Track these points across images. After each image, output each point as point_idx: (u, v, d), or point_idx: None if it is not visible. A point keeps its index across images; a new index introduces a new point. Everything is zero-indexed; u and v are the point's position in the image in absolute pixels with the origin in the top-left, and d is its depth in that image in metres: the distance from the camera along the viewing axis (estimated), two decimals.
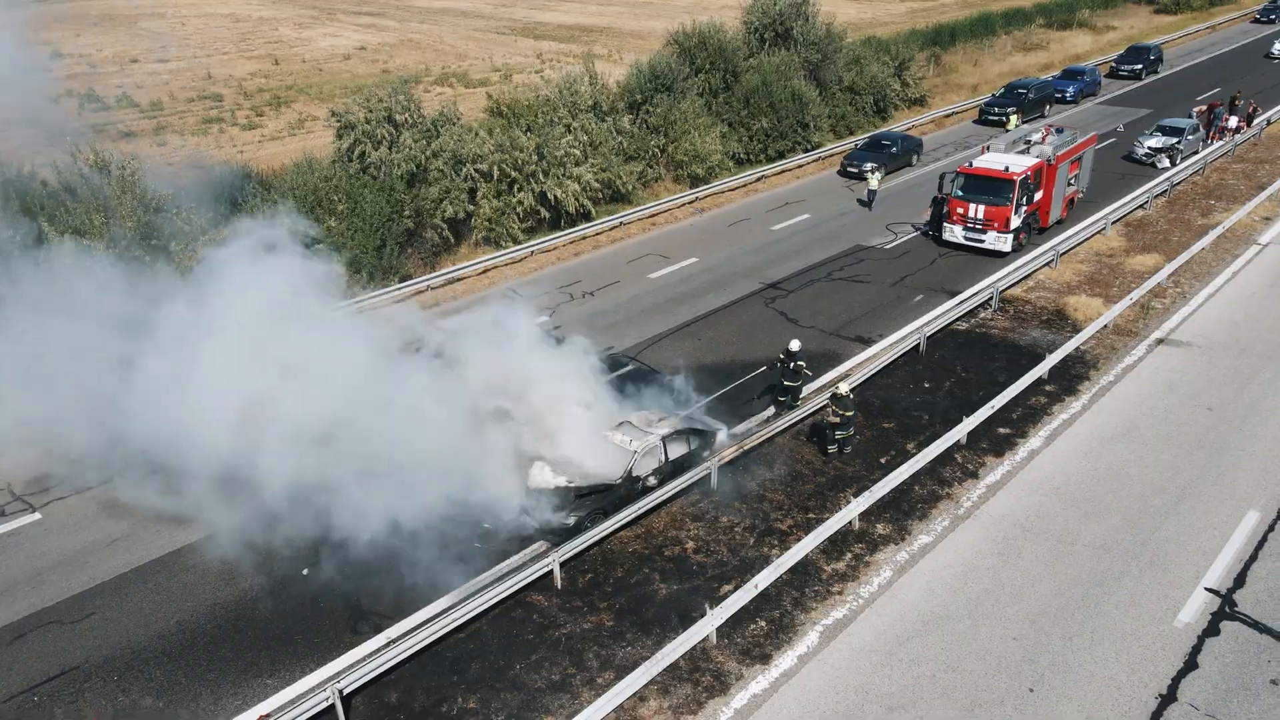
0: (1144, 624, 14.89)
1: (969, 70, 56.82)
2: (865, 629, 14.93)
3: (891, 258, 29.23)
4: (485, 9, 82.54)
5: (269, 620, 15.15)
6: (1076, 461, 19.07)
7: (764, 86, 38.55)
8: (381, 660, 13.52)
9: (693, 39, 40.07)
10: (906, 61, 47.39)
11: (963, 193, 28.94)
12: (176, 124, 45.70)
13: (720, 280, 27.72)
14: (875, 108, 45.31)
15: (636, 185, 34.81)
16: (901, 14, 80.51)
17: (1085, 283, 27.25)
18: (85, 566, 16.33)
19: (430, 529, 16.36)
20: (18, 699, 13.67)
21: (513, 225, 30.57)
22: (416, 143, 30.15)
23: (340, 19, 76.63)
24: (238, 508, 16.58)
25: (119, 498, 17.77)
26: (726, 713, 13.45)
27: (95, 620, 15.15)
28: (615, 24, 73.39)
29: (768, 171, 37.30)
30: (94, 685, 13.93)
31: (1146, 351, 23.30)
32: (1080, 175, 31.95)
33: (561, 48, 63.55)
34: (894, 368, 22.50)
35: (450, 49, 64.31)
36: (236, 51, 63.05)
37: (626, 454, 17.26)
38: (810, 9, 43.24)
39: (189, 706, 13.57)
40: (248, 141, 42.52)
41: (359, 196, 27.70)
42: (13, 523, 17.53)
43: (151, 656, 14.45)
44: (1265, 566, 16.09)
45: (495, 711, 13.47)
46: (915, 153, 38.58)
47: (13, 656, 14.43)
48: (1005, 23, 68.57)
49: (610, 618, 15.17)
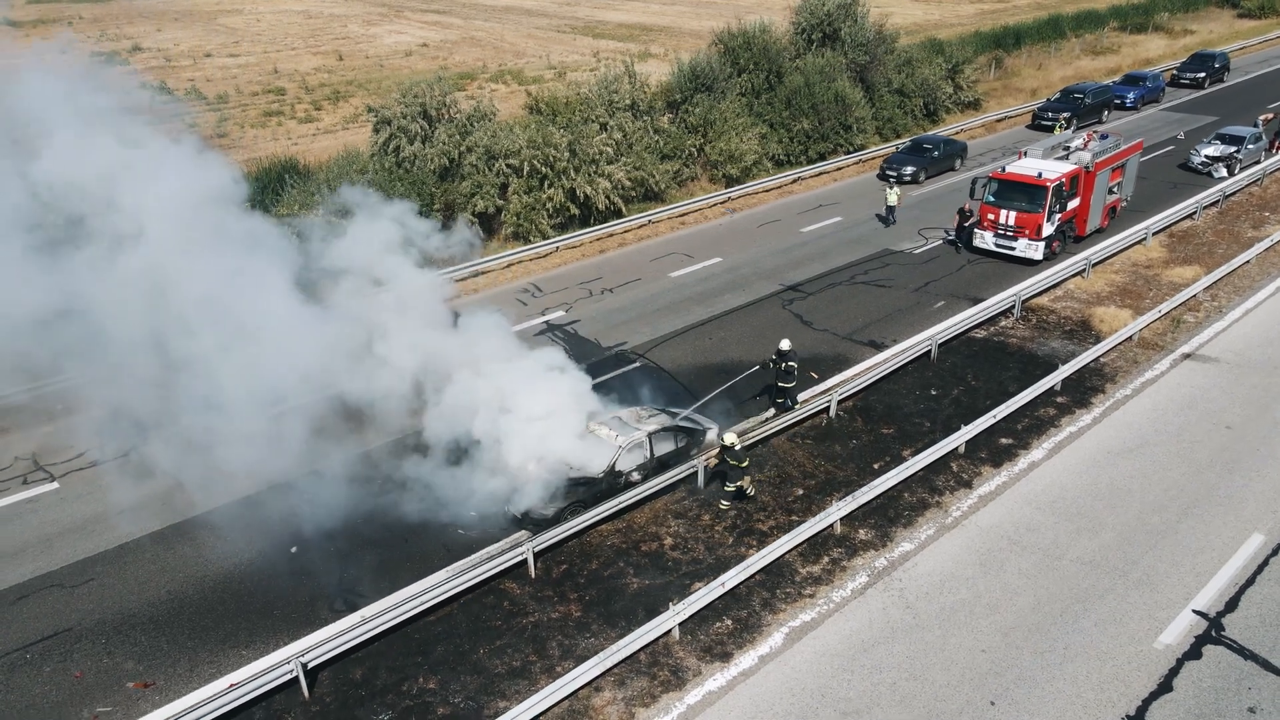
0: (1122, 643, 14.52)
1: (1031, 74, 55.52)
2: (831, 633, 14.86)
3: (918, 263, 28.82)
4: (550, 7, 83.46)
5: (252, 594, 15.76)
6: (1077, 476, 18.61)
7: (806, 88, 38.30)
8: (346, 638, 13.94)
9: (737, 39, 40.00)
10: (961, 64, 46.48)
11: (994, 198, 28.37)
12: (239, 116, 47.39)
13: (740, 281, 27.69)
14: (925, 111, 44.62)
15: (671, 184, 34.94)
16: (970, 16, 78.99)
17: (1117, 294, 26.48)
18: (92, 534, 17.18)
19: (418, 513, 16.87)
20: (12, 655, 14.48)
21: (542, 221, 30.97)
22: (450, 138, 30.78)
23: (407, 16, 78.31)
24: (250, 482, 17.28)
25: (136, 469, 18.68)
26: (679, 708, 13.55)
27: (93, 586, 15.94)
28: (676, 23, 73.54)
29: (804, 173, 37.06)
30: (83, 647, 14.68)
31: (1170, 366, 22.57)
32: (1124, 183, 31.00)
33: (619, 46, 63.97)
34: (902, 373, 22.24)
35: (509, 47, 65.25)
36: (304, 47, 64.96)
37: (612, 448, 17.45)
38: (860, 10, 42.78)
39: (166, 672, 14.21)
40: (302, 134, 43.88)
41: (390, 189, 28.40)
42: (32, 490, 18.52)
43: (139, 623, 15.16)
44: (1262, 591, 15.53)
45: (453, 693, 13.80)
46: (959, 157, 37.89)
47: (13, 616, 15.29)
48: (1076, 25, 66.72)
49: (578, 609, 15.38)
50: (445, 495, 17.30)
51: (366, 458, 18.98)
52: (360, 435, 19.62)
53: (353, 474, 18.27)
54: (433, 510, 17.20)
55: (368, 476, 18.37)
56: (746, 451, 17.73)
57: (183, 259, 17.36)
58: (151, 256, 17.47)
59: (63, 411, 20.84)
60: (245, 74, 56.48)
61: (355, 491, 17.84)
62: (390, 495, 17.77)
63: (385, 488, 17.97)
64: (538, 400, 17.17)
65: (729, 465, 17.47)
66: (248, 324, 17.54)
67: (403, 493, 17.69)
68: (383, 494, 17.84)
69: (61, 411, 20.87)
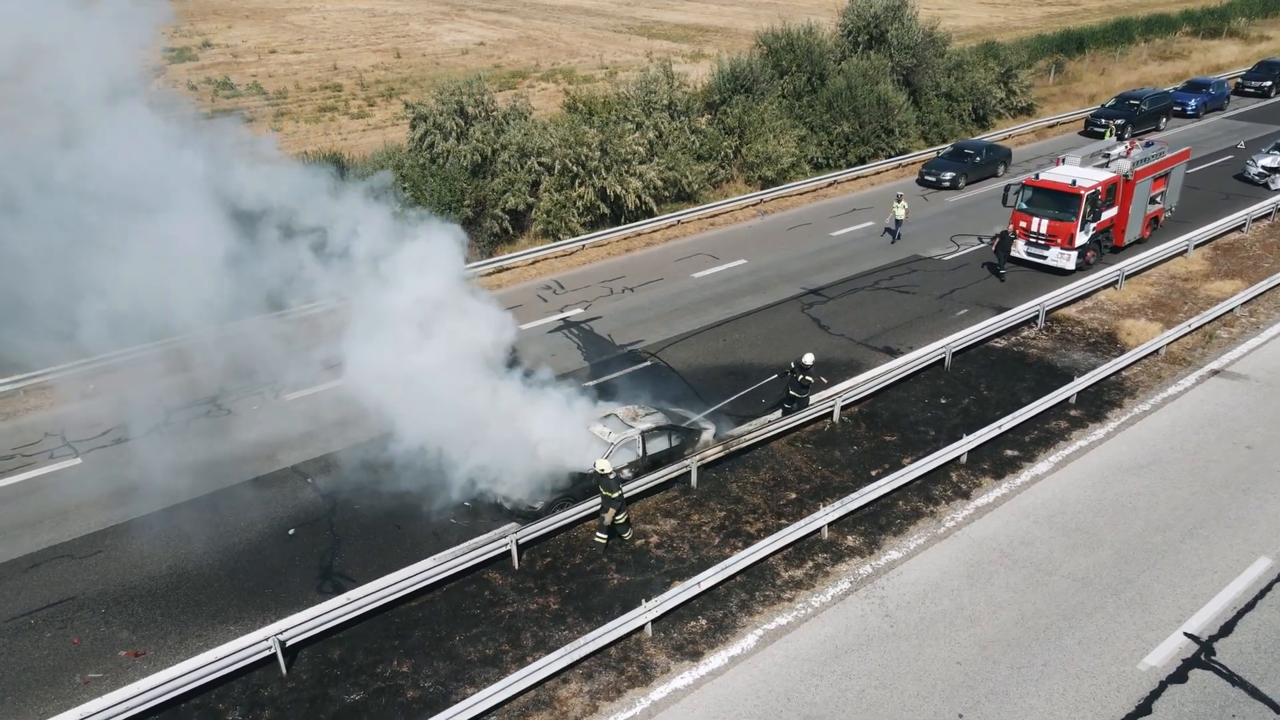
0: (1105, 663, 14.20)
1: (1093, 79, 54.12)
2: (805, 638, 14.80)
3: (947, 270, 28.38)
4: (609, 7, 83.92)
5: (246, 573, 16.30)
6: (1081, 490, 18.20)
7: (848, 90, 37.94)
8: (323, 619, 14.37)
9: (780, 40, 39.82)
10: (1015, 68, 45.51)
11: (1027, 206, 27.80)
12: (295, 111, 48.69)
13: (762, 283, 27.61)
14: (974, 115, 43.82)
15: (705, 185, 34.95)
16: (1036, 18, 77.31)
17: (1149, 306, 25.74)
18: (105, 509, 17.94)
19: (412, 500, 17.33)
20: (18, 620, 15.24)
21: (571, 219, 31.27)
22: (485, 135, 31.27)
23: (468, 15, 79.48)
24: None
25: (155, 450, 19.48)
26: (643, 703, 13.66)
27: (100, 558, 16.67)
28: (733, 24, 73.27)
29: (841, 176, 36.73)
30: (83, 615, 15.38)
31: (1196, 382, 21.89)
32: (1167, 193, 30.08)
33: (673, 47, 64.04)
34: (913, 381, 21.97)
35: (564, 46, 65.83)
36: (365, 44, 66.43)
37: (604, 445, 17.61)
38: (908, 12, 42.18)
39: (157, 643, 14.81)
40: (353, 130, 44.92)
41: (422, 185, 29.01)
42: (57, 465, 19.41)
43: (139, 595, 15.81)
44: (1260, 617, 15.03)
45: (425, 677, 14.13)
46: (1002, 162, 37.12)
47: (23, 582, 16.08)
48: (1145, 30, 64.73)
49: (557, 602, 15.59)
50: (439, 483, 17.64)
51: (367, 445, 19.42)
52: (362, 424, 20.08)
53: (353, 462, 18.79)
54: (426, 498, 17.58)
55: (366, 464, 18.80)
56: (619, 483, 16.36)
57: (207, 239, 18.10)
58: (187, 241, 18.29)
59: (94, 391, 21.79)
60: (306, 70, 58.00)
61: (353, 478, 18.34)
62: (387, 482, 18.17)
63: (383, 475, 18.36)
64: (532, 396, 17.40)
65: (601, 495, 16.28)
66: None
67: (399, 479, 18.07)
68: (380, 481, 18.25)
69: (93, 391, 21.82)
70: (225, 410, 21.12)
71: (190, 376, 21.58)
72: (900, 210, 29.94)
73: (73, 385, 21.81)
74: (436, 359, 17.26)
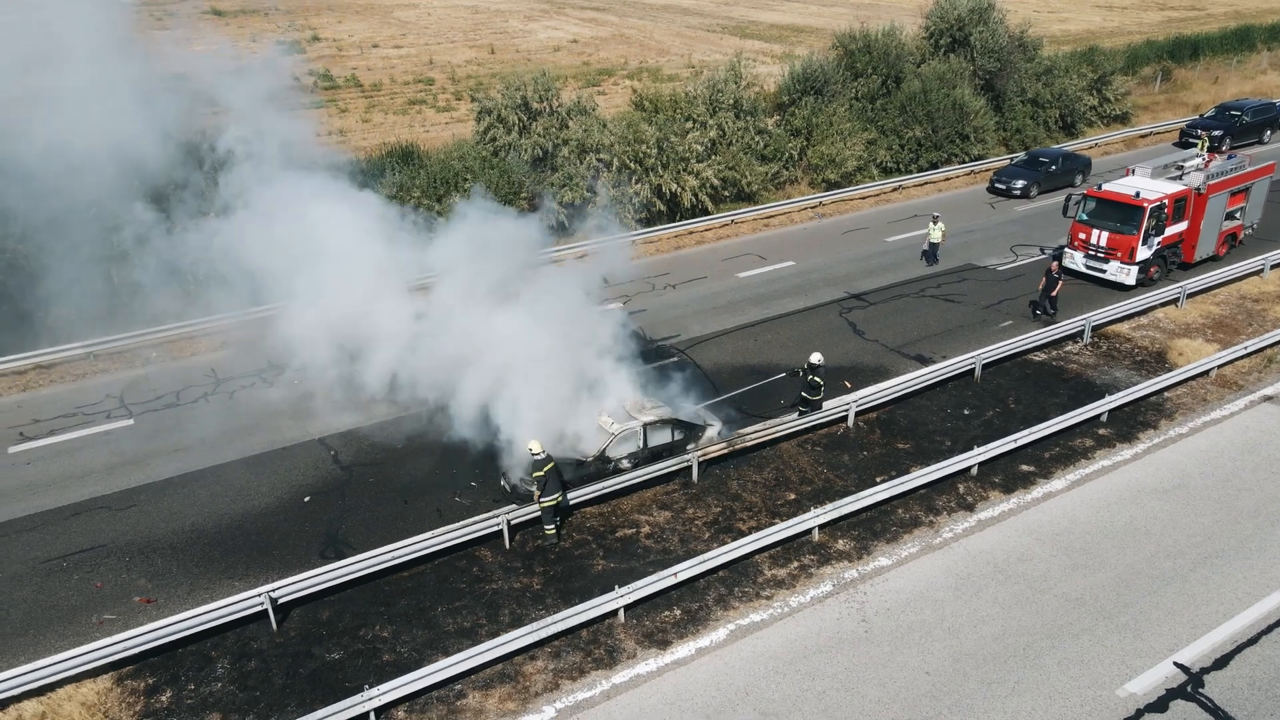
0: (1081, 686, 13.82)
1: (1203, 87, 51.55)
2: (776, 636, 14.87)
3: (999, 280, 27.66)
4: (706, 7, 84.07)
5: (260, 534, 17.33)
6: (1094, 511, 17.63)
7: (922, 94, 37.23)
8: (312, 582, 15.20)
9: (856, 42, 39.34)
10: (1109, 75, 43.77)
11: (1088, 217, 26.85)
12: (386, 104, 50.63)
13: (805, 286, 27.48)
14: (1062, 123, 42.35)
15: (767, 186, 34.89)
16: (1154, 23, 73.88)
17: (1210, 326, 24.56)
18: (146, 467, 19.32)
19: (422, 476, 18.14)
20: (52, 561, 16.62)
21: (627, 215, 31.71)
22: (547, 130, 32.01)
23: (567, 13, 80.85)
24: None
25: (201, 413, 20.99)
26: (604, 685, 13.99)
27: (133, 511, 17.98)
28: (830, 25, 72.27)
29: (906, 181, 36.08)
30: (109, 562, 16.65)
31: (1244, 407, 20.85)
32: (1248, 209, 28.56)
33: (764, 47, 63.81)
34: (939, 390, 21.60)
35: (655, 45, 66.34)
36: (463, 40, 68.39)
37: (605, 434, 17.99)
38: (994, 15, 41.05)
39: (168, 593, 15.92)
40: (436, 122, 46.49)
41: (482, 177, 29.93)
42: (111, 424, 20.95)
43: (160, 548, 17.01)
44: (1261, 653, 14.36)
45: (403, 643, 14.80)
46: (1080, 172, 35.81)
47: (63, 528, 17.50)
48: (1269, 37, 61.22)
49: (540, 582, 16.06)
50: (448, 462, 18.36)
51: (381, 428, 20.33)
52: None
53: (377, 437, 19.76)
54: (433, 475, 18.32)
55: (382, 442, 19.68)
56: (546, 469, 16.09)
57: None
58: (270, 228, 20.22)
59: (156, 359, 23.45)
60: (403, 64, 60.13)
61: (372, 454, 19.27)
62: (407, 459, 19.01)
63: (401, 451, 19.20)
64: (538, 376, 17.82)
65: (535, 488, 16.19)
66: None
67: (414, 459, 18.86)
68: (397, 459, 19.10)
69: (155, 359, 23.47)
70: (267, 384, 22.36)
71: (254, 350, 23.06)
72: (936, 232, 28.34)
73: (136, 354, 23.52)
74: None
